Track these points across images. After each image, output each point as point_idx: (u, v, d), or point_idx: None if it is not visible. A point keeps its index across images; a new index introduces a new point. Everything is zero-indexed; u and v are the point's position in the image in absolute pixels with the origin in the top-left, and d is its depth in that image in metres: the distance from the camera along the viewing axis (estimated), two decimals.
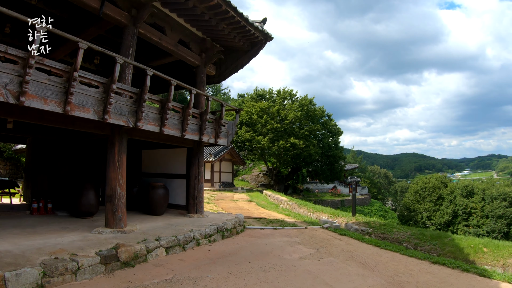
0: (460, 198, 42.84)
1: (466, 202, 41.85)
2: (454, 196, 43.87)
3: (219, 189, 34.60)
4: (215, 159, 34.47)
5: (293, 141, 35.72)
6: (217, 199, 23.21)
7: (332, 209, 18.51)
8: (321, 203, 49.45)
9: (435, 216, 43.49)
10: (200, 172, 11.85)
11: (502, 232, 37.06)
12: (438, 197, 45.25)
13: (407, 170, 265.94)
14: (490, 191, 42.28)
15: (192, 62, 11.97)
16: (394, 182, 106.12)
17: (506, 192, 40.40)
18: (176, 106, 9.82)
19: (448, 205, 43.12)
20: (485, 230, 37.84)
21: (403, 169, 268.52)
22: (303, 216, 17.34)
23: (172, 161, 13.36)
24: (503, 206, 38.42)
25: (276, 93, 43.80)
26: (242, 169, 54.64)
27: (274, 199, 24.63)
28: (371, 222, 13.63)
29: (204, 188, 35.63)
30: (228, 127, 12.14)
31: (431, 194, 46.12)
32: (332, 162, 42.29)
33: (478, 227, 39.02)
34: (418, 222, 45.06)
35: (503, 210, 38.01)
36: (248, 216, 15.54)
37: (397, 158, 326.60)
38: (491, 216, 38.63)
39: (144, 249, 7.12)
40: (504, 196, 39.65)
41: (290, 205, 20.56)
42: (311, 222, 14.51)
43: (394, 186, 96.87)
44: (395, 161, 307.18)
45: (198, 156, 11.93)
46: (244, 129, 38.39)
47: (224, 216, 11.73)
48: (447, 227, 41.74)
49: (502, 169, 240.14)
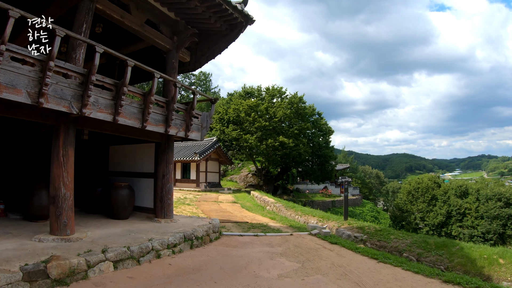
0: (454, 198, 41.88)
1: (460, 202, 40.87)
2: (447, 196, 42.92)
3: (204, 189, 33.05)
4: (200, 159, 32.91)
5: (282, 139, 34.24)
6: (199, 201, 21.68)
7: (321, 212, 17.00)
8: (312, 203, 48.46)
9: (429, 217, 42.50)
10: (169, 171, 10.31)
11: (497, 233, 36.22)
12: (432, 198, 44.36)
13: (398, 171, 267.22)
14: (484, 191, 41.41)
15: (162, 46, 10.49)
16: (385, 182, 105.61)
17: (501, 192, 39.62)
18: (135, 92, 8.31)
19: (442, 206, 42.14)
20: (480, 231, 37.00)
21: (394, 169, 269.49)
22: (290, 219, 15.80)
23: (139, 158, 11.79)
24: (498, 207, 37.55)
25: (265, 90, 42.33)
26: (231, 169, 53.18)
27: (261, 200, 23.10)
28: (365, 227, 12.15)
29: (188, 188, 34.49)
30: (202, 120, 10.62)
31: (424, 194, 45.23)
32: (322, 162, 40.84)
33: (472, 228, 38.10)
34: (411, 223, 44.20)
35: (498, 211, 37.10)
36: (228, 220, 14.03)
37: (388, 159, 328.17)
38: (486, 216, 37.66)
39: (84, 263, 5.69)
40: (499, 196, 38.82)
41: (277, 207, 19.05)
42: (298, 227, 13.04)
43: (385, 186, 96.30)
44: (386, 161, 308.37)
45: (167, 152, 10.38)
46: (231, 128, 36.85)
47: (197, 221, 10.18)
48: (441, 228, 40.92)
49: (492, 169, 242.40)
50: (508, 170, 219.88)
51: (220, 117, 39.34)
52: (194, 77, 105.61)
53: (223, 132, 37.54)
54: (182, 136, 9.79)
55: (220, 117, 39.22)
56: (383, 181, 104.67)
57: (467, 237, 37.15)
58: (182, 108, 9.73)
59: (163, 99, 9.10)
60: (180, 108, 9.63)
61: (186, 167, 36.40)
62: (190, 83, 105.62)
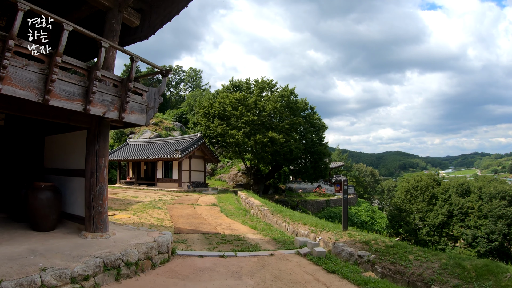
0: (456, 197, 39.83)
1: (462, 201, 38.84)
2: (448, 195, 40.93)
3: (187, 190, 30.21)
4: (182, 156, 30.02)
5: (271, 135, 31.37)
6: (173, 203, 18.84)
7: (315, 219, 13.86)
8: (305, 203, 46.05)
9: (429, 217, 40.23)
10: (99, 167, 7.47)
11: (502, 234, 34.10)
12: (431, 196, 42.25)
13: (392, 169, 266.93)
14: (487, 189, 39.33)
15: (101, 5, 7.66)
16: (380, 180, 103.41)
17: (505, 190, 37.68)
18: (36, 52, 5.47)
19: (443, 205, 40.04)
20: (484, 231, 34.96)
21: (387, 167, 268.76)
22: (275, 229, 12.81)
23: (70, 150, 8.91)
24: (503, 206, 35.47)
25: (254, 83, 39.40)
26: (220, 168, 50.34)
27: (246, 202, 20.18)
28: (371, 242, 9.26)
29: (170, 189, 31.40)
30: (148, 98, 7.81)
31: (424, 193, 43.03)
32: (316, 160, 37.99)
33: (476, 228, 36.03)
34: (410, 224, 41.94)
35: (503, 210, 35.01)
36: (197, 230, 11.23)
37: (381, 157, 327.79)
38: (490, 216, 35.59)
39: None
40: (503, 194, 36.85)
41: (262, 212, 16.11)
42: (283, 240, 10.25)
43: (380, 185, 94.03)
44: (379, 159, 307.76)
45: (97, 141, 7.53)
46: (217, 122, 33.87)
47: (139, 237, 7.34)
48: (442, 229, 38.88)
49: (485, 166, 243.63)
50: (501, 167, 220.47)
51: (205, 111, 36.33)
52: (183, 74, 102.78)
53: (209, 127, 34.58)
54: (114, 118, 6.96)
55: (205, 111, 36.22)
56: (378, 179, 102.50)
57: (470, 238, 35.37)
58: (113, 78, 6.90)
59: (81, 64, 6.24)
60: (108, 78, 6.79)
61: (168, 166, 33.54)
62: (179, 79, 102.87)
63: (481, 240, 34.56)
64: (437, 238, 38.58)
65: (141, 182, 35.58)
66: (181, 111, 66.41)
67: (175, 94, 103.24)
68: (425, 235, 39.08)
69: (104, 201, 7.52)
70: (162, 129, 54.02)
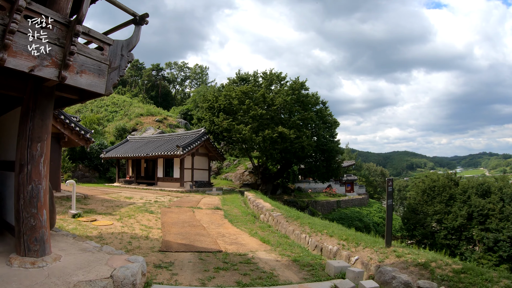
0: (475, 198, 37.30)
1: (483, 202, 36.25)
2: (467, 195, 38.40)
3: (189, 190, 27.64)
4: (184, 153, 27.43)
5: (281, 130, 28.65)
6: (170, 206, 16.24)
7: (342, 228, 10.76)
8: (315, 204, 43.55)
9: (447, 219, 37.60)
10: (32, 157, 4.89)
11: None
12: (449, 197, 39.53)
13: (399, 168, 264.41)
14: (508, 189, 36.85)
15: None
16: None
17: None
18: None
19: (462, 206, 37.47)
20: (507, 234, 32.38)
21: (395, 167, 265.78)
22: (293, 242, 10.08)
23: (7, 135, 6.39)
24: None
25: (262, 75, 36.75)
26: (226, 167, 47.83)
27: (254, 205, 17.42)
28: (431, 265, 6.46)
29: (170, 189, 28.62)
30: (111, 54, 5.23)
31: (441, 193, 40.28)
32: (328, 158, 35.29)
33: (497, 232, 33.43)
34: (426, 226, 39.30)
35: None
36: (191, 245, 8.58)
37: (388, 156, 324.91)
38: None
39: None
40: None
41: (274, 218, 13.12)
42: (308, 263, 7.43)
43: None
44: (386, 159, 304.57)
45: (32, 117, 4.97)
46: (222, 117, 31.18)
47: (89, 267, 4.71)
48: (461, 232, 36.22)
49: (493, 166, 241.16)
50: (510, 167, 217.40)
51: (209, 105, 33.69)
52: (189, 70, 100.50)
53: (213, 122, 31.93)
54: (51, 77, 4.39)
55: (210, 105, 33.58)
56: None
57: (491, 242, 32.92)
58: (50, 16, 4.33)
59: None
60: (40, 14, 4.20)
61: (169, 164, 31.00)
62: (184, 76, 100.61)
63: (503, 244, 32.26)
64: (455, 242, 36.15)
65: (141, 181, 33.11)
66: (186, 108, 64.07)
67: (180, 91, 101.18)
68: (442, 239, 36.62)
69: (41, 210, 4.95)
70: (166, 126, 51.91)
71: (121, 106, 57.54)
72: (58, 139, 18.30)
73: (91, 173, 37.09)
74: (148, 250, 7.81)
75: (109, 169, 38.66)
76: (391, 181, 8.09)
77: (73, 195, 12.32)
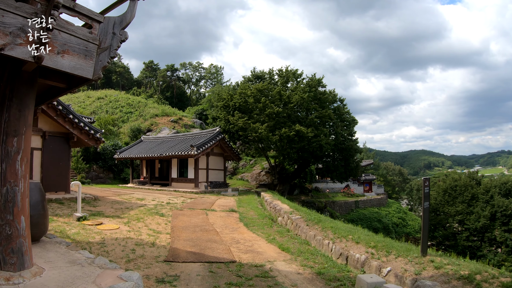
0: (499, 198, 36.02)
1: (506, 202, 34.99)
2: (490, 195, 37.05)
3: (204, 191, 26.92)
4: (198, 153, 26.71)
5: (298, 128, 27.70)
6: (182, 209, 15.46)
7: (368, 233, 9.36)
8: (333, 204, 42.46)
9: (469, 220, 36.20)
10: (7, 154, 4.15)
11: None
12: (472, 197, 38.10)
13: (417, 167, 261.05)
14: None
15: None
16: (408, 179, 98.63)
17: None
18: None
19: (484, 207, 36.06)
20: None
21: (412, 166, 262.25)
22: (315, 250, 9.17)
23: None
24: None
25: (277, 72, 35.82)
26: (242, 167, 47.04)
27: (271, 206, 16.49)
28: (476, 278, 5.38)
29: (185, 190, 27.71)
30: (101, 33, 4.43)
31: (463, 193, 38.86)
32: (346, 157, 34.21)
33: None
34: (448, 227, 37.99)
35: None
36: (201, 253, 7.73)
37: (405, 155, 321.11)
38: None
39: None
40: None
41: (293, 221, 12.14)
42: (334, 277, 6.30)
43: (409, 184, 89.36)
44: (403, 158, 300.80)
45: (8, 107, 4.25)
46: (238, 115, 30.34)
47: (74, 286, 3.93)
48: (483, 233, 34.92)
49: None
50: None
51: (224, 104, 32.89)
52: (204, 70, 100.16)
53: (228, 121, 31.13)
54: (25, 57, 3.62)
55: (225, 104, 32.77)
56: (406, 178, 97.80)
57: None
58: None
59: None
60: None
61: (184, 164, 30.33)
62: (199, 76, 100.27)
63: None
64: (478, 244, 34.82)
65: (155, 182, 32.54)
66: (201, 108, 63.60)
67: (195, 92, 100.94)
68: (464, 240, 35.27)
69: (18, 216, 4.19)
70: (181, 127, 51.51)
71: (136, 107, 57.42)
72: (67, 139, 17.80)
73: (105, 174, 36.72)
74: (152, 260, 7.01)
75: (123, 170, 38.27)
76: (428, 181, 7.09)
77: (78, 197, 11.64)
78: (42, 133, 17.01)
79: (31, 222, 6.29)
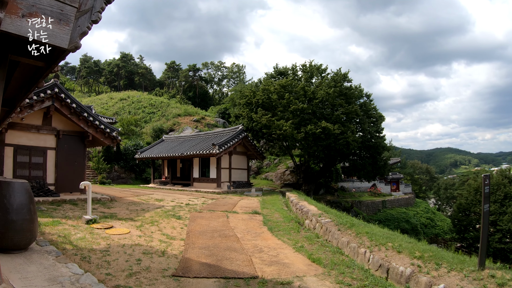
0: None
1: None
2: None
3: (226, 191, 25.98)
4: (221, 152, 25.76)
5: (325, 125, 26.45)
6: (201, 210, 14.48)
7: (410, 240, 7.81)
8: (359, 204, 41.00)
9: (502, 221, 33.82)
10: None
11: None
12: (505, 196, 35.84)
13: (443, 166, 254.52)
14: None
15: None
16: (436, 178, 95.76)
17: None
18: None
19: None
20: None
21: (438, 164, 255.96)
22: (350, 260, 7.83)
23: None
24: None
25: (301, 68, 34.59)
26: (266, 166, 46.02)
27: (297, 208, 15.27)
28: None
29: (207, 190, 26.57)
30: None
31: (496, 192, 36.67)
32: (374, 155, 32.74)
33: None
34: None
35: None
36: (217, 266, 6.62)
37: (431, 153, 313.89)
38: None
39: None
40: None
41: (322, 225, 10.66)
42: None
43: (437, 183, 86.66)
44: (429, 156, 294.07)
45: None
46: (261, 113, 29.27)
47: None
48: None
49: None
50: None
51: (247, 101, 31.89)
52: (226, 70, 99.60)
53: (251, 119, 30.09)
54: None
55: (248, 101, 31.77)
56: (434, 176, 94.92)
57: None
58: None
59: None
60: None
61: (206, 163, 29.42)
62: (222, 75, 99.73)
63: None
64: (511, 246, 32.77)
65: (176, 182, 31.79)
66: (224, 107, 62.93)
67: (218, 91, 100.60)
68: (497, 242, 33.07)
69: None
70: (204, 126, 50.99)
71: (158, 107, 57.41)
72: (82, 138, 17.12)
73: (127, 174, 36.23)
74: (158, 274, 5.93)
75: (145, 170, 37.79)
76: (488, 179, 5.80)
77: (88, 198, 10.77)
78: (56, 132, 16.41)
79: (14, 228, 5.38)
